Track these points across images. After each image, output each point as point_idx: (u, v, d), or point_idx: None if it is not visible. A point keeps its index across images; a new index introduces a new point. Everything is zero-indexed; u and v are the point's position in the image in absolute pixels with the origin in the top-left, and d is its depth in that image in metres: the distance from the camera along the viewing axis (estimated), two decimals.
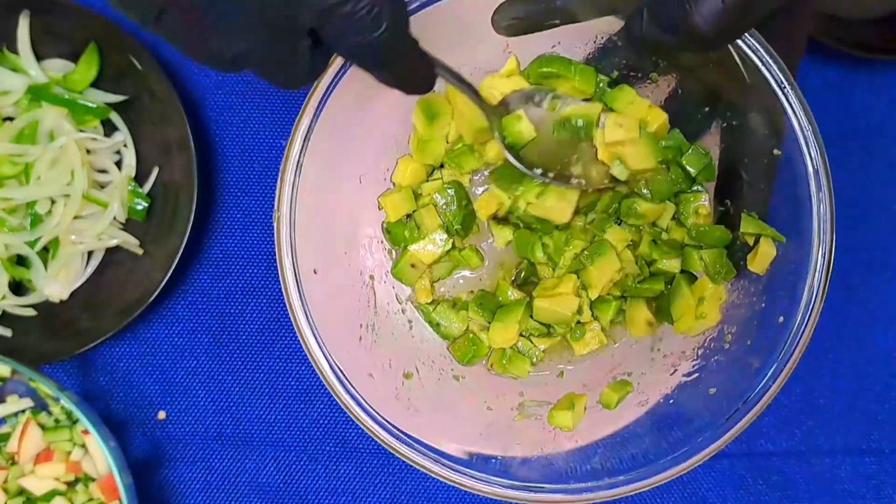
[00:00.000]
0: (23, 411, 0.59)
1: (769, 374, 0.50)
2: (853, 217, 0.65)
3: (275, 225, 0.50)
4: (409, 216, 0.58)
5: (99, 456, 0.57)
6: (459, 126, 0.56)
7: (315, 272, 0.51)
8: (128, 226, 0.62)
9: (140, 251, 0.62)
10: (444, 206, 0.57)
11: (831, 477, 0.63)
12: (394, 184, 0.58)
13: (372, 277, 0.58)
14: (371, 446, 0.63)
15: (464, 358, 0.58)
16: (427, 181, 0.58)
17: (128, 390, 0.63)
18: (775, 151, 0.50)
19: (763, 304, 0.53)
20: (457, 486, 0.50)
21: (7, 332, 0.61)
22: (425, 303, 0.58)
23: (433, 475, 0.50)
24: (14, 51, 0.60)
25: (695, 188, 0.55)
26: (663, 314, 0.56)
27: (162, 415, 0.63)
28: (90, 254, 0.62)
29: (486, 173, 0.58)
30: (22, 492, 0.58)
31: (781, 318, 0.50)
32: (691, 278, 0.56)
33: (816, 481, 0.63)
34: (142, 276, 0.61)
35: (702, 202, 0.55)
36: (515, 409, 0.57)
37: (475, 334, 0.58)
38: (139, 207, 0.61)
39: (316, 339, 0.50)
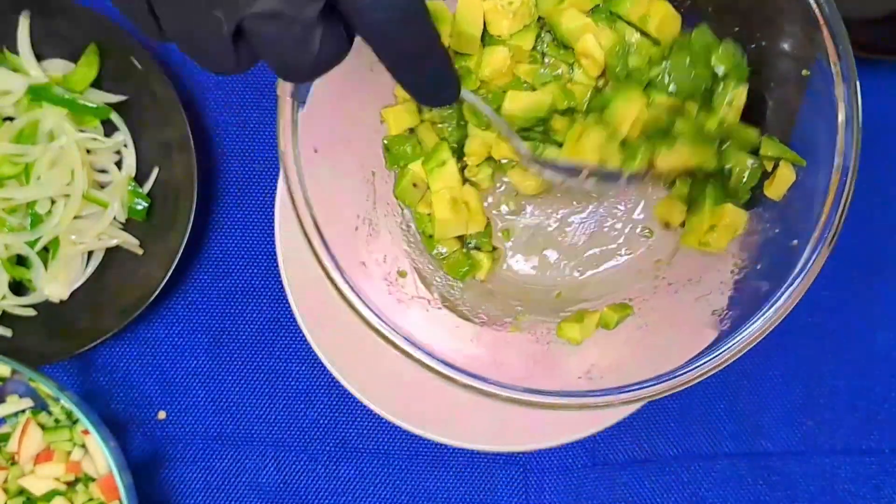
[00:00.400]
0: (23, 411, 0.59)
1: (779, 300, 0.47)
2: (853, 217, 0.65)
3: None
4: (411, 131, 0.56)
5: (99, 456, 0.57)
6: (455, 42, 0.53)
7: (315, 151, 0.49)
8: (128, 226, 0.62)
9: (140, 251, 0.62)
10: (441, 123, 0.55)
11: (831, 477, 0.63)
12: (395, 96, 0.56)
13: (374, 173, 0.56)
14: (371, 446, 0.63)
15: (457, 273, 0.56)
16: None
17: (128, 390, 0.63)
18: (804, 72, 0.48)
19: (777, 231, 0.51)
20: (452, 383, 0.47)
21: (7, 332, 0.61)
22: (425, 213, 0.56)
23: (429, 370, 0.47)
24: (14, 51, 0.60)
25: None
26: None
27: (162, 415, 0.63)
28: (90, 254, 0.63)
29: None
30: (22, 492, 0.58)
31: (795, 242, 0.48)
32: (718, 196, 0.53)
33: (816, 481, 0.63)
34: (142, 276, 0.61)
35: (738, 91, 0.51)
36: (511, 321, 0.55)
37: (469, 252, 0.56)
38: (139, 207, 0.61)
39: (314, 223, 0.47)
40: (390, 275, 0.54)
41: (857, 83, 0.47)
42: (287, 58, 0.31)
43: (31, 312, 0.62)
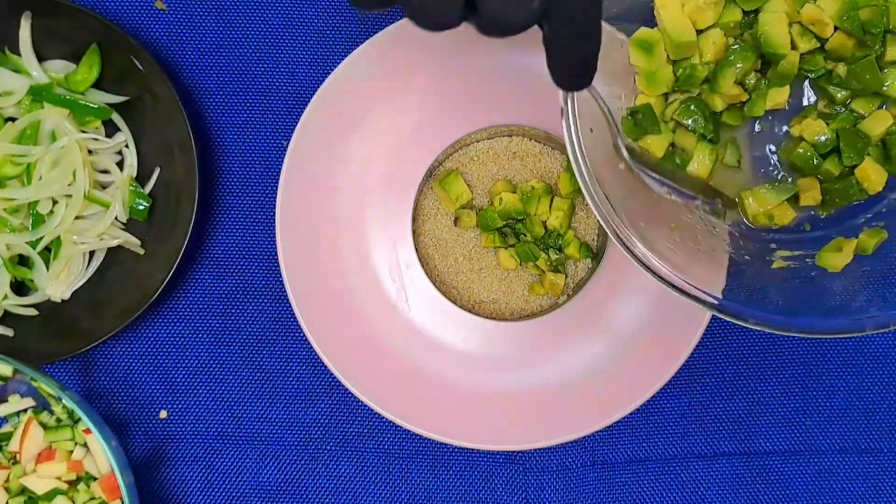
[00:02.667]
0: (24, 411, 0.59)
1: None
2: None
3: None
4: (672, 146, 0.54)
5: (100, 455, 0.57)
6: (674, 52, 0.52)
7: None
8: (129, 226, 0.62)
9: (141, 251, 0.62)
10: (692, 123, 0.52)
11: (830, 476, 0.63)
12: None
13: None
14: (372, 445, 0.63)
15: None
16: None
17: (129, 390, 0.64)
18: None
19: None
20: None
21: (9, 332, 0.62)
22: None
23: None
24: (16, 52, 0.61)
25: None
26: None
27: (163, 414, 0.63)
28: (92, 254, 0.63)
29: None
30: (23, 491, 0.58)
31: None
32: None
33: (815, 480, 0.63)
34: (143, 276, 0.61)
35: None
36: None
37: None
38: (140, 207, 0.62)
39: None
40: None
41: None
42: (507, 8, 0.34)
43: (33, 312, 0.62)
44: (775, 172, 0.54)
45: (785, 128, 0.54)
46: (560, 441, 0.58)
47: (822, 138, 0.51)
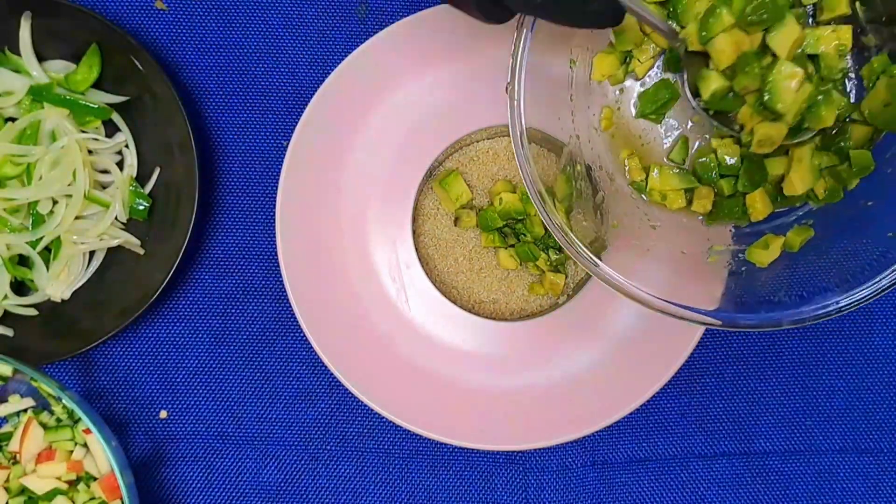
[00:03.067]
0: (24, 411, 0.59)
1: None
2: None
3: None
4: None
5: (100, 455, 0.57)
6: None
7: None
8: (129, 226, 0.62)
9: (141, 251, 0.62)
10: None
11: (829, 476, 0.63)
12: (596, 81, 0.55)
13: None
14: (372, 445, 0.63)
15: None
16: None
17: (129, 390, 0.64)
18: None
19: None
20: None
21: (9, 332, 0.62)
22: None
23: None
24: (16, 52, 0.61)
25: None
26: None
27: (163, 414, 0.63)
28: (92, 254, 0.63)
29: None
30: (24, 491, 0.58)
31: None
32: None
33: (814, 480, 0.63)
34: (143, 276, 0.61)
35: None
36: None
37: None
38: (140, 207, 0.62)
39: None
40: None
41: None
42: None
43: (33, 312, 0.62)
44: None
45: (707, 136, 0.55)
46: (560, 441, 0.58)
47: (730, 161, 0.53)
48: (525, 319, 0.61)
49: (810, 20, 0.52)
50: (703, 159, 0.53)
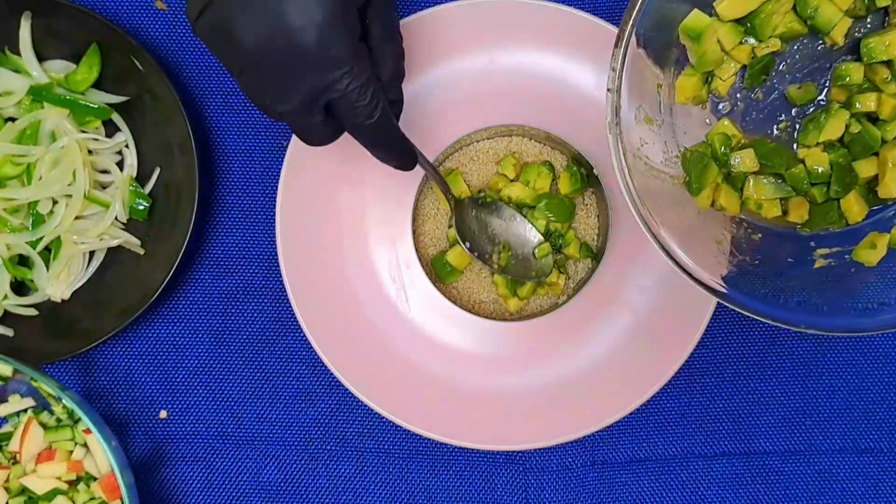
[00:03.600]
0: (24, 411, 0.59)
1: None
2: None
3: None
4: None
5: (100, 455, 0.57)
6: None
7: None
8: (129, 226, 0.62)
9: (141, 251, 0.62)
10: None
11: (829, 476, 0.63)
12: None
13: None
14: (372, 445, 0.63)
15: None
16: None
17: (129, 390, 0.64)
18: None
19: None
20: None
21: (9, 332, 0.62)
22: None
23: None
24: (16, 52, 0.61)
25: None
26: None
27: (163, 414, 0.63)
28: (92, 254, 0.63)
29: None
30: (24, 491, 0.58)
31: None
32: None
33: (815, 480, 0.63)
34: (143, 276, 0.61)
35: None
36: None
37: None
38: (140, 207, 0.62)
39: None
40: None
41: None
42: (362, 120, 0.48)
43: (33, 312, 0.62)
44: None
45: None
46: (560, 441, 0.58)
47: (820, 169, 0.53)
48: (525, 319, 0.61)
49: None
50: (794, 171, 0.53)
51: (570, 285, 0.61)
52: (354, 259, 0.61)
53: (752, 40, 0.52)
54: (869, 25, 0.53)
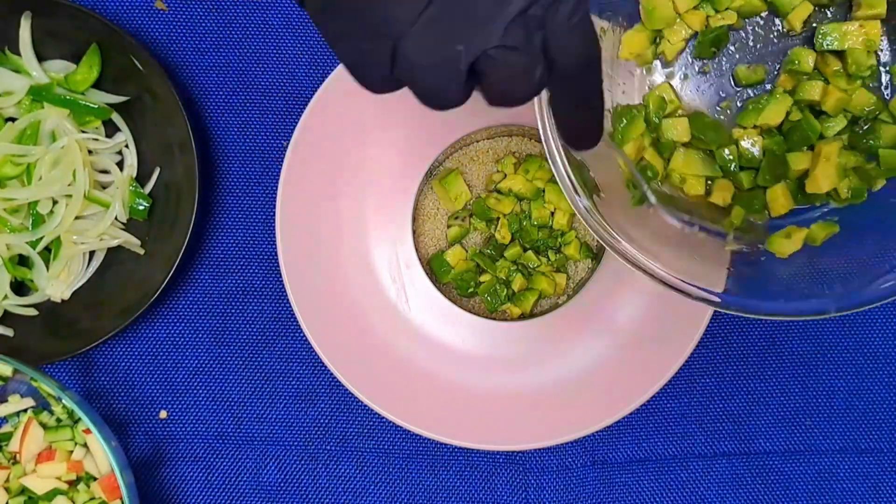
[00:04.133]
0: (24, 411, 0.59)
1: None
2: None
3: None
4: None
5: (100, 455, 0.57)
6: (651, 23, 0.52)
7: None
8: (129, 226, 0.62)
9: (141, 251, 0.62)
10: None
11: (829, 476, 0.63)
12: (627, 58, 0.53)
13: None
14: (372, 445, 0.63)
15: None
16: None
17: (129, 390, 0.64)
18: None
19: None
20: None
21: (9, 332, 0.62)
22: None
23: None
24: (16, 52, 0.61)
25: None
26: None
27: (163, 414, 0.63)
28: (92, 254, 0.63)
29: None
30: (23, 491, 0.58)
31: None
32: None
33: (815, 480, 0.63)
34: (143, 276, 0.61)
35: None
36: None
37: None
38: (140, 207, 0.62)
39: None
40: None
41: None
42: (514, 86, 0.34)
43: (33, 312, 0.62)
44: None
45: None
46: (560, 441, 0.58)
47: (752, 153, 0.52)
48: (525, 319, 0.61)
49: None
50: (724, 152, 0.52)
51: (570, 285, 0.61)
52: (354, 259, 0.61)
53: (708, 8, 0.51)
54: (829, 17, 0.52)
